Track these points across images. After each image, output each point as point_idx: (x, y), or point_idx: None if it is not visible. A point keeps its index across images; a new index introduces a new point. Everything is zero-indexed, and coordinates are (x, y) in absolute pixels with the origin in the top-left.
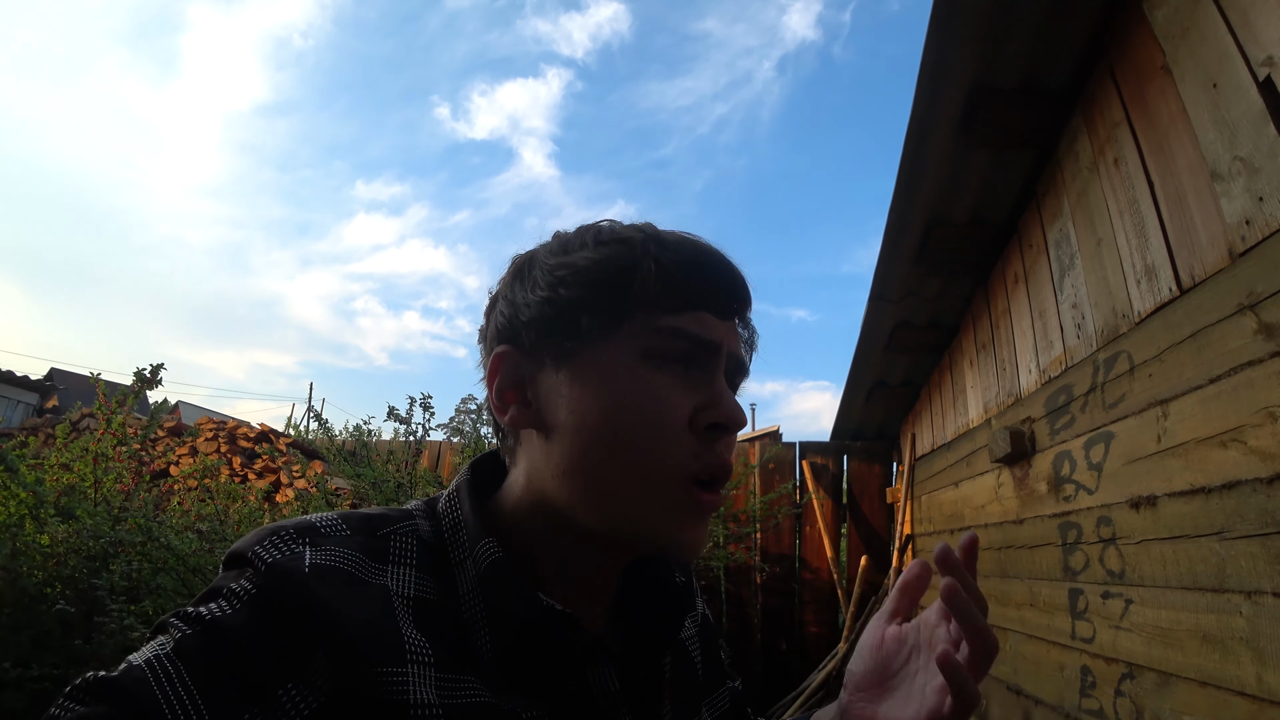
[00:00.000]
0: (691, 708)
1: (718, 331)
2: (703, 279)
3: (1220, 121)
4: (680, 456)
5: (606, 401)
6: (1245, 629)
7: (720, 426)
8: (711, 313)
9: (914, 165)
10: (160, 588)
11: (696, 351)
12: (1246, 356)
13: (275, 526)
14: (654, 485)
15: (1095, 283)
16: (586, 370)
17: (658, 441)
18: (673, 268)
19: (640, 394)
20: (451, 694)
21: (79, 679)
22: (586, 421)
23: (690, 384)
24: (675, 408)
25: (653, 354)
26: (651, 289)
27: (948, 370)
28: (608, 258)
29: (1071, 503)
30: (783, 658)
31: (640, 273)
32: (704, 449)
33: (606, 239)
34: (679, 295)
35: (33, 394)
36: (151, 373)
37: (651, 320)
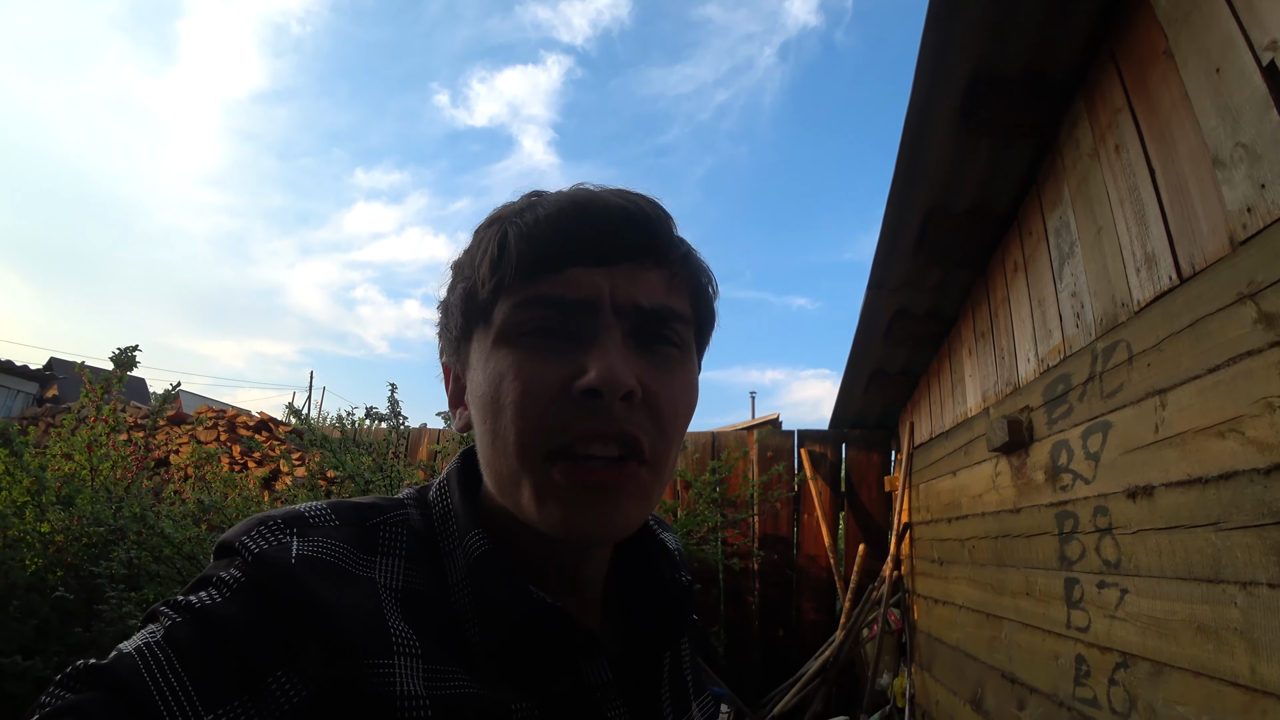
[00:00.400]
0: (684, 705)
1: (590, 285)
2: (567, 232)
3: (1223, 108)
4: (553, 429)
5: (480, 392)
6: (1240, 620)
7: (591, 391)
8: (584, 265)
9: (913, 154)
10: (159, 575)
11: (561, 316)
12: (1246, 346)
13: (264, 516)
14: (528, 467)
15: (1095, 271)
16: (473, 365)
17: (521, 418)
18: (532, 232)
19: (499, 376)
20: (439, 685)
21: (69, 667)
22: (476, 416)
23: (564, 352)
24: (534, 380)
25: (511, 332)
26: (515, 263)
27: (946, 359)
28: (474, 247)
29: (1068, 492)
30: (780, 645)
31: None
32: (582, 419)
33: (483, 224)
34: (542, 260)
35: (32, 383)
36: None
37: (515, 296)
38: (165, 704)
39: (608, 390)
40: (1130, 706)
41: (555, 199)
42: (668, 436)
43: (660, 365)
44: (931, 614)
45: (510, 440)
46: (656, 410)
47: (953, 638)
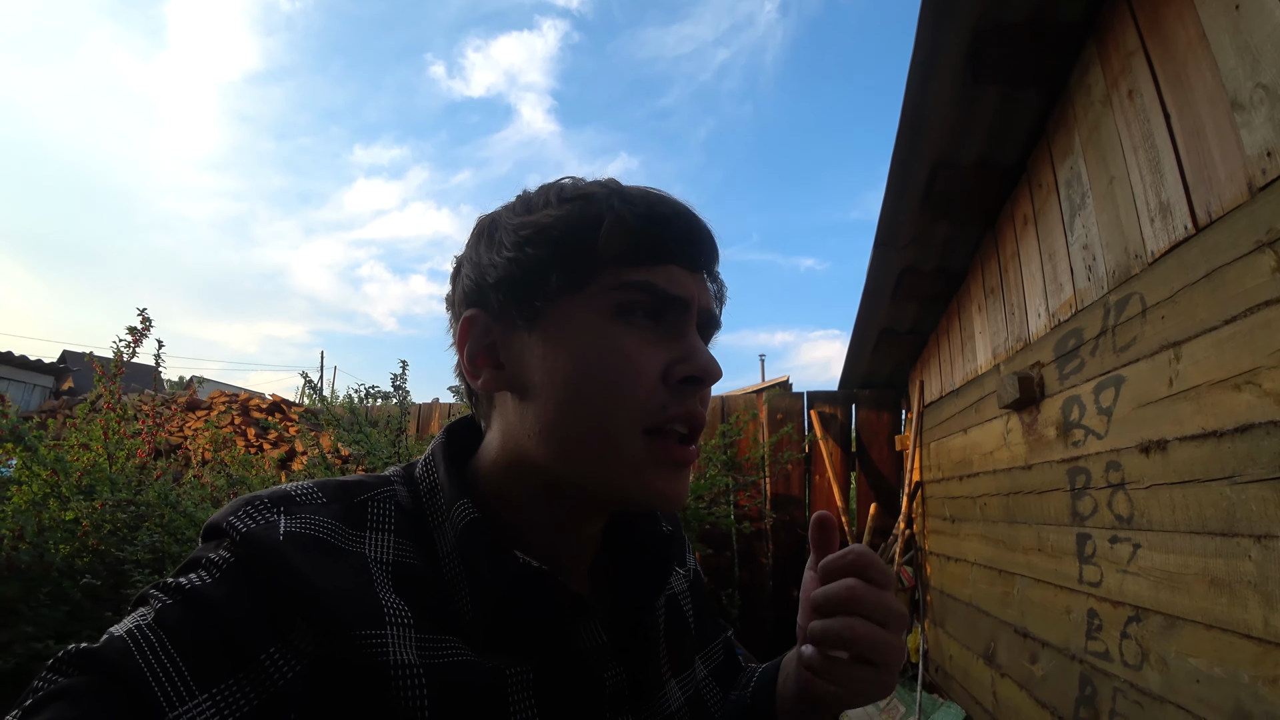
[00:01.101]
0: (687, 660)
1: (687, 285)
2: (669, 232)
3: (1242, 47)
4: (652, 409)
5: (578, 359)
6: (1254, 573)
7: (694, 380)
8: (679, 265)
9: (918, 106)
10: (180, 556)
11: (665, 306)
12: (1264, 296)
13: (251, 497)
14: (625, 440)
15: (1107, 222)
16: (556, 329)
17: (629, 396)
18: (637, 222)
19: (610, 350)
20: (433, 654)
21: (61, 651)
22: (559, 380)
23: (661, 338)
24: (646, 362)
25: (622, 309)
26: (617, 244)
27: (955, 316)
28: (571, 214)
29: (1080, 448)
30: (794, 605)
31: (605, 227)
32: (676, 402)
33: (570, 196)
34: (645, 249)
35: (48, 377)
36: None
37: (619, 275)
38: (159, 685)
39: (708, 380)
40: (1142, 659)
41: (646, 194)
42: None
43: None
44: (944, 571)
45: (614, 413)
46: (706, 401)
47: (965, 594)
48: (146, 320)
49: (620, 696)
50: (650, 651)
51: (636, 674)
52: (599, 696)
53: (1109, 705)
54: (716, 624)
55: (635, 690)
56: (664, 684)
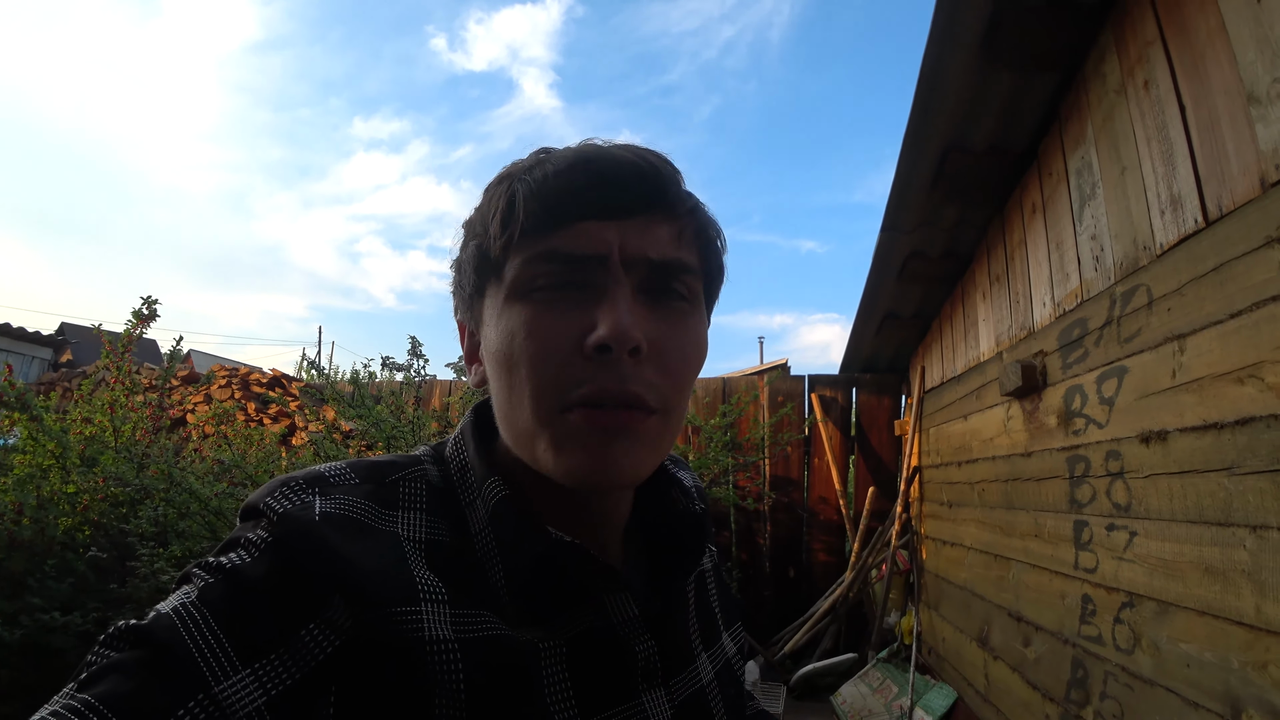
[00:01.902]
0: (713, 636)
1: (600, 239)
2: (576, 187)
3: (1262, 40)
4: (566, 385)
5: (495, 348)
6: (1248, 562)
7: (603, 347)
8: (593, 219)
9: (931, 88)
10: (186, 531)
11: (571, 270)
12: (1272, 291)
13: (285, 478)
14: (539, 422)
15: (1117, 213)
16: (486, 321)
17: (536, 375)
18: (541, 188)
19: (508, 332)
20: (467, 629)
21: (111, 628)
22: (491, 371)
23: (585, 305)
24: (552, 335)
25: (523, 288)
26: (525, 219)
27: (960, 302)
28: (485, 205)
29: (1081, 436)
30: (791, 585)
31: (513, 207)
32: (597, 373)
33: (494, 182)
34: (551, 214)
35: (46, 349)
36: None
37: (526, 251)
38: (204, 659)
39: (617, 345)
40: (1134, 643)
41: (564, 154)
42: (678, 388)
43: (670, 318)
44: (940, 555)
45: (526, 394)
46: (665, 364)
47: (960, 578)
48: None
49: (652, 669)
50: (681, 625)
51: (668, 647)
52: (631, 669)
53: (1100, 688)
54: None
55: (667, 663)
56: (695, 657)
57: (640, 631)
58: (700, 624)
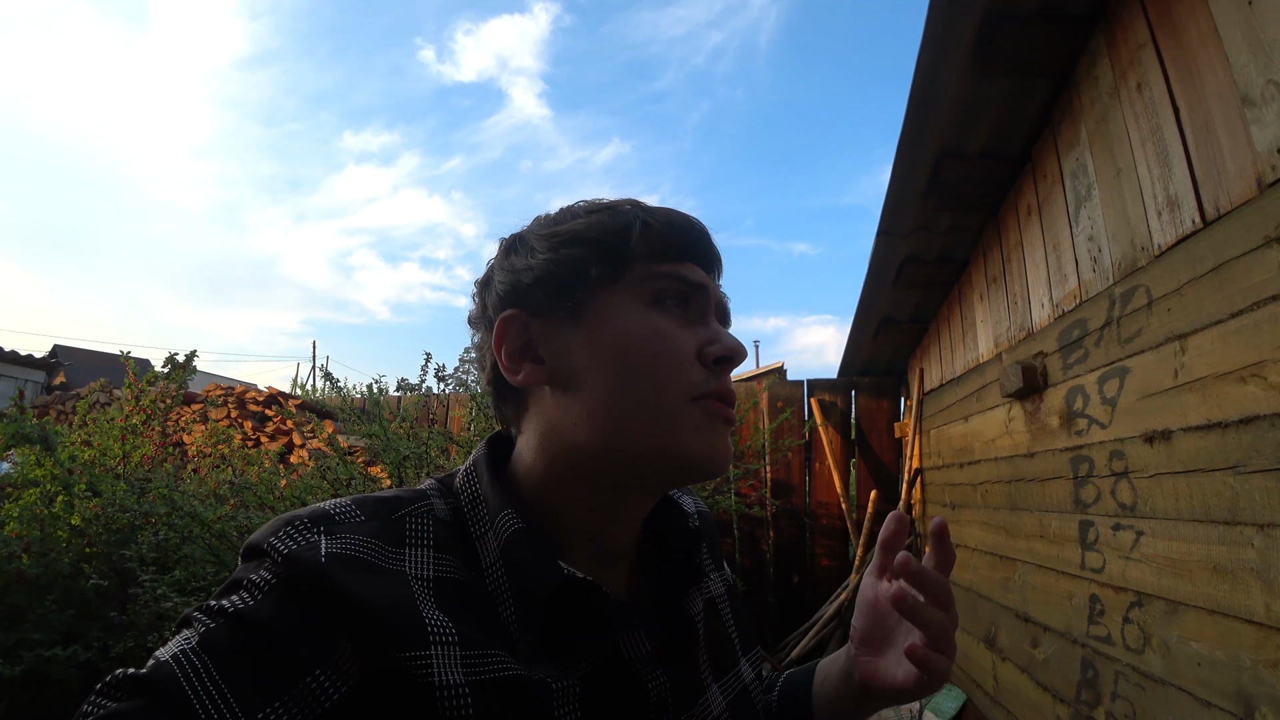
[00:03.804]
0: (729, 661)
1: (706, 278)
2: (688, 236)
3: (1255, 42)
4: (696, 382)
5: (623, 343)
6: (1256, 560)
7: (725, 359)
8: (698, 264)
9: (925, 95)
10: (189, 556)
11: (692, 294)
12: (1271, 290)
13: (290, 516)
14: (674, 409)
15: (1113, 215)
16: (600, 318)
17: (675, 369)
18: (661, 226)
19: (653, 331)
20: (479, 670)
21: (109, 676)
22: (608, 363)
23: (690, 324)
24: (683, 341)
25: (656, 297)
26: (645, 243)
27: (957, 305)
28: (602, 220)
29: (1084, 437)
30: (795, 590)
31: (634, 229)
32: (713, 379)
33: (597, 207)
34: (670, 248)
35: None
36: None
37: (649, 269)
38: (205, 710)
39: (738, 358)
40: (1144, 643)
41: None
42: None
43: None
44: None
45: (663, 386)
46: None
47: (965, 579)
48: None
49: (664, 703)
50: (691, 657)
51: (679, 680)
52: (643, 705)
53: (1110, 688)
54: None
55: (677, 697)
56: (706, 689)
57: (652, 666)
58: (712, 653)
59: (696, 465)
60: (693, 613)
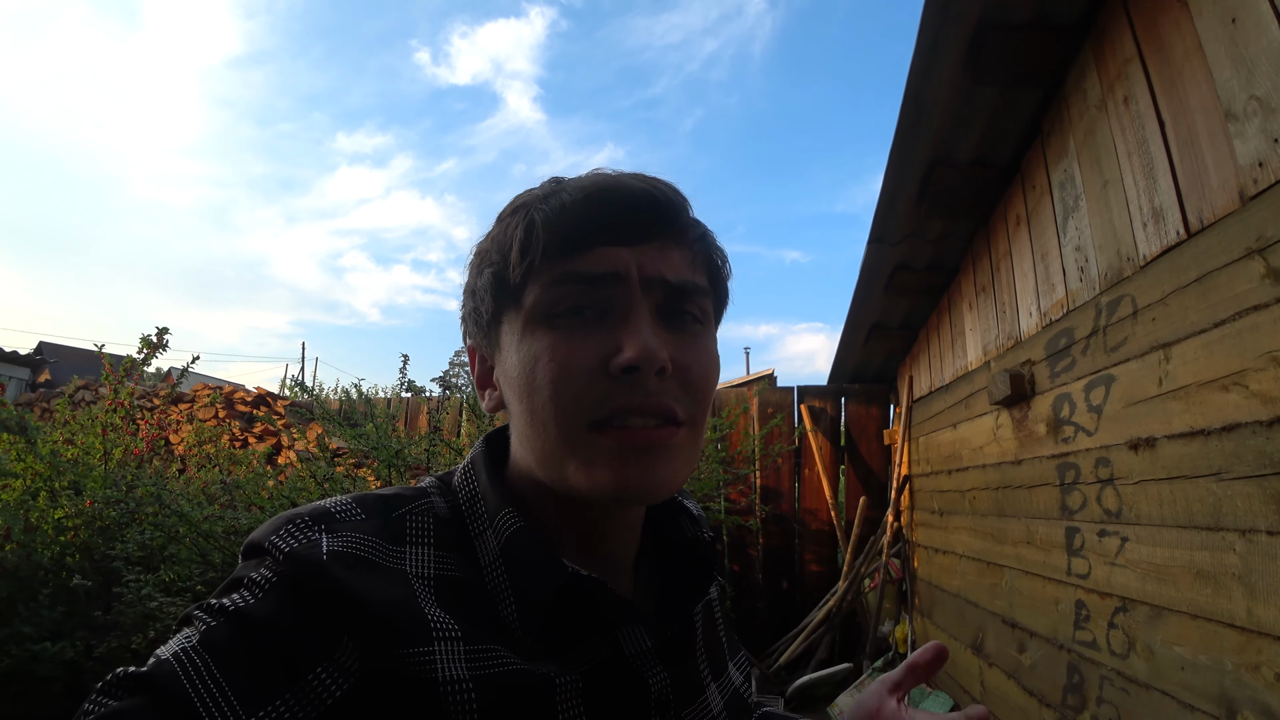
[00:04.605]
0: (722, 665)
1: (619, 261)
2: (590, 215)
3: (1238, 58)
4: (591, 404)
5: (519, 372)
6: (1238, 565)
7: (629, 367)
8: (610, 243)
9: (916, 105)
10: (175, 555)
11: (597, 290)
12: (1253, 301)
13: (291, 514)
14: (572, 437)
15: (1100, 225)
16: (506, 346)
17: (561, 395)
18: (558, 215)
19: (532, 354)
20: (482, 665)
21: (110, 675)
22: (514, 395)
23: (606, 327)
24: (575, 356)
25: (544, 313)
26: (543, 246)
27: (946, 313)
28: (502, 232)
29: (1070, 444)
30: (784, 596)
31: (531, 235)
32: (622, 393)
33: (507, 210)
34: (569, 240)
35: (24, 369)
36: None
37: (546, 276)
38: (206, 708)
39: (645, 365)
40: (1129, 648)
41: (578, 183)
42: (701, 403)
43: (687, 339)
44: (932, 563)
45: (550, 416)
46: (688, 382)
47: (953, 585)
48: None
49: (665, 701)
50: (690, 655)
51: (679, 678)
52: (645, 701)
53: (1096, 692)
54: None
55: (678, 694)
56: (705, 688)
57: (653, 663)
58: (708, 654)
59: (606, 498)
60: (691, 612)
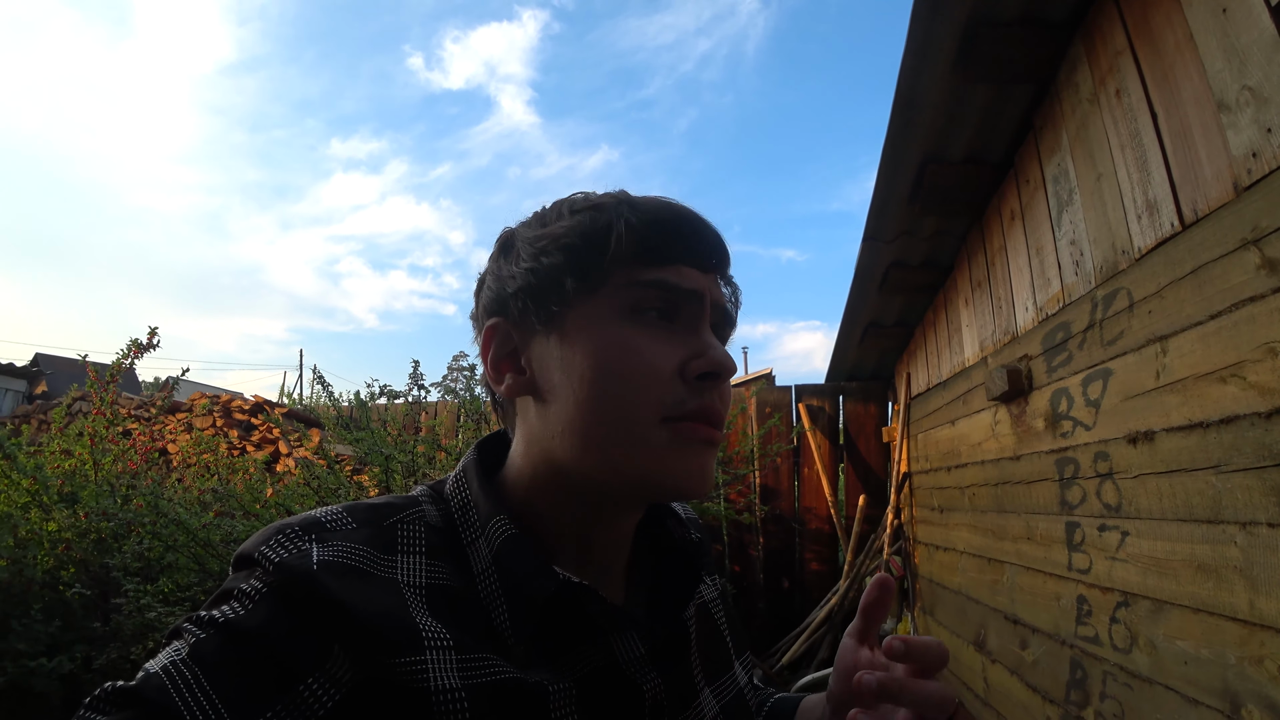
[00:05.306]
0: (723, 666)
1: (699, 282)
2: (677, 235)
3: (1229, 49)
4: (670, 402)
5: (595, 358)
6: (1239, 558)
7: (710, 375)
8: (690, 265)
9: (908, 102)
10: (174, 564)
11: (678, 302)
12: (1249, 292)
13: (281, 525)
14: (646, 430)
15: (1094, 219)
16: (574, 331)
17: (645, 390)
18: (646, 225)
19: (624, 347)
20: (474, 674)
21: (98, 690)
22: (578, 379)
23: (677, 335)
24: (660, 357)
25: (634, 308)
26: (627, 247)
27: (942, 309)
28: (583, 223)
29: (1069, 439)
30: (785, 596)
31: (614, 232)
32: (694, 397)
33: (581, 207)
34: (655, 251)
35: (20, 381)
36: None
37: (631, 276)
38: None
39: (723, 374)
40: (1131, 642)
41: (655, 201)
42: (727, 413)
43: None
44: (933, 560)
45: (632, 405)
46: (724, 395)
47: (954, 582)
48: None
49: (659, 706)
50: (684, 660)
51: (672, 684)
52: (639, 707)
53: (1099, 688)
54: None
55: (672, 700)
56: (698, 692)
57: (647, 669)
58: (704, 657)
59: (666, 490)
60: (684, 617)
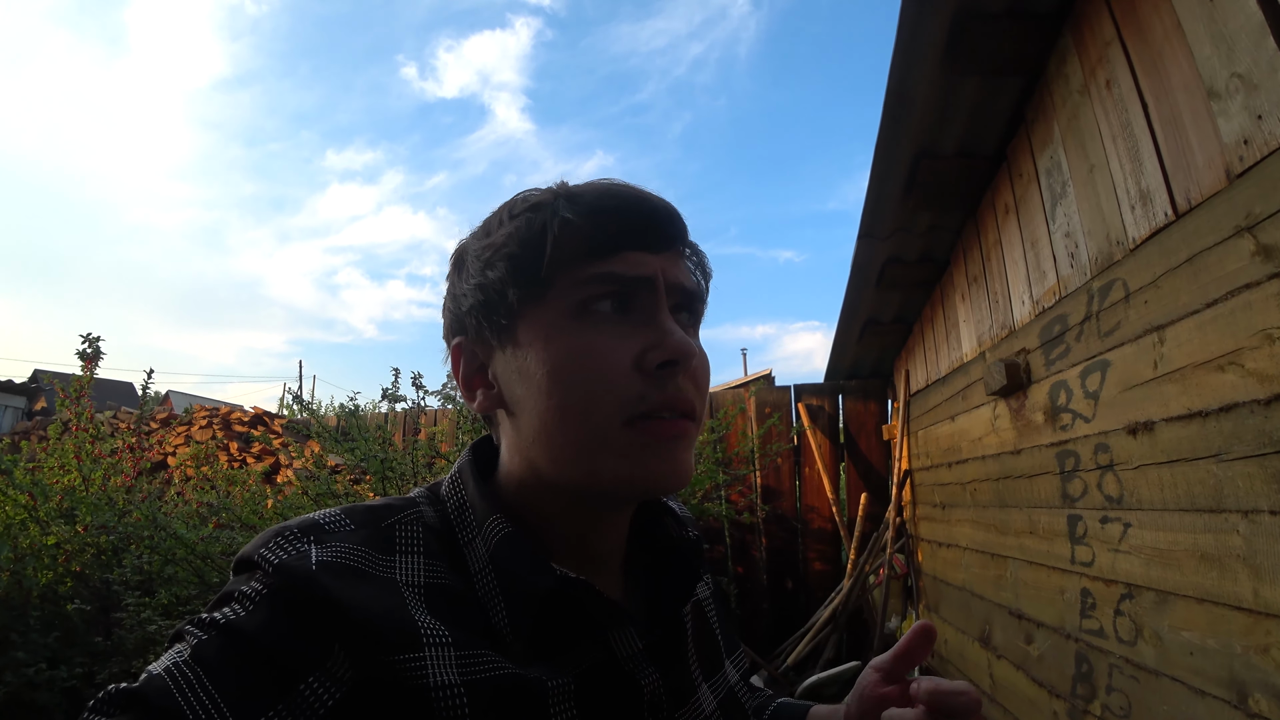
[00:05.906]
0: (715, 664)
1: (650, 266)
2: (619, 221)
3: (1217, 36)
4: (629, 399)
5: (549, 366)
6: (1242, 547)
7: (668, 363)
8: (638, 250)
9: (899, 98)
10: (173, 577)
11: (629, 292)
12: (1244, 279)
13: (280, 528)
14: (608, 432)
15: (1088, 210)
16: (527, 343)
17: (602, 390)
18: (585, 218)
19: (574, 349)
20: (473, 670)
21: (101, 692)
22: (536, 390)
23: (633, 326)
24: (614, 354)
25: (584, 306)
26: (568, 245)
27: (939, 305)
28: (520, 228)
29: (1069, 431)
30: (789, 596)
31: (551, 233)
32: (656, 389)
33: (519, 210)
34: (598, 242)
35: (20, 398)
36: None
37: (576, 274)
38: None
39: (682, 361)
40: (1136, 634)
41: (596, 189)
42: (703, 398)
43: (693, 338)
44: (936, 557)
45: (586, 412)
46: (695, 378)
47: (958, 578)
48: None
49: (658, 702)
50: (681, 656)
51: (671, 679)
52: (638, 703)
53: (1105, 681)
54: (736, 634)
55: (671, 695)
56: (697, 688)
57: (645, 665)
58: (700, 654)
59: (642, 491)
60: (681, 613)
